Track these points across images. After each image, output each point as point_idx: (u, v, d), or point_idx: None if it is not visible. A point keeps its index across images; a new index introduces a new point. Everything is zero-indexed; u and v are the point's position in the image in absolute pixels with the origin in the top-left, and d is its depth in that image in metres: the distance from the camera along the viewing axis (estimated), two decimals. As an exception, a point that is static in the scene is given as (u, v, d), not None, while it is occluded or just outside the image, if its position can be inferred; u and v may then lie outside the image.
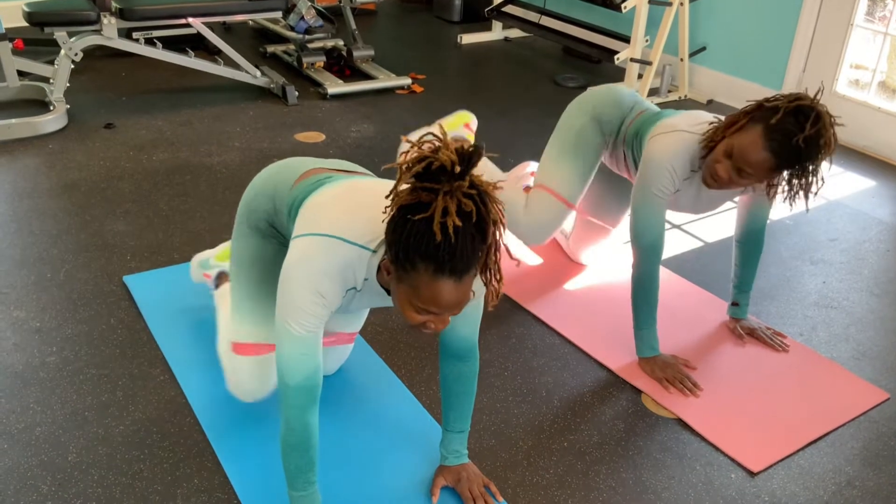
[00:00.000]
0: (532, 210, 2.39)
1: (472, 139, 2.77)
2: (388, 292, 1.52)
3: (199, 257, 2.32)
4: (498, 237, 1.34)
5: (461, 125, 2.78)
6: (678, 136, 2.08)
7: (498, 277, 1.39)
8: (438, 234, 1.24)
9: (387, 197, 1.34)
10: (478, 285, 1.46)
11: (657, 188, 2.09)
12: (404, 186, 1.30)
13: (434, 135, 1.31)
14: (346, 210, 1.51)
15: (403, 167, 1.29)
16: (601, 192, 2.54)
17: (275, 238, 1.79)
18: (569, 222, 2.74)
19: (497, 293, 1.41)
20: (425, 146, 1.30)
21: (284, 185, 1.71)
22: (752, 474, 1.90)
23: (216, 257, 2.27)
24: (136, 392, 2.04)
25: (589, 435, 2.00)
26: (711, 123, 2.08)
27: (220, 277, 2.20)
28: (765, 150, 1.89)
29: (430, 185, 1.26)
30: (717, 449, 1.96)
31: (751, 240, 2.28)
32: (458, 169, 1.26)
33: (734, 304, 2.39)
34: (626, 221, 2.60)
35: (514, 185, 2.81)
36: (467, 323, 1.66)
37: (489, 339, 2.32)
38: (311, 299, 1.45)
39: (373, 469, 1.85)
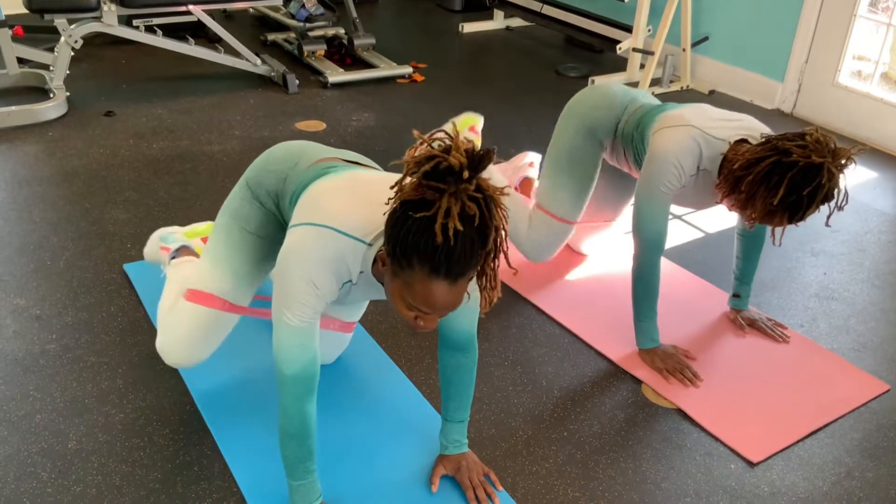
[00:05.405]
0: (534, 230, 2.42)
1: (477, 143, 2.78)
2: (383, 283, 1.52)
3: (161, 231, 2.23)
4: (499, 243, 1.33)
5: (466, 128, 2.77)
6: (686, 130, 2.02)
7: (493, 284, 1.38)
8: (439, 235, 1.22)
9: (391, 188, 1.32)
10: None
11: (663, 184, 2.04)
12: (409, 180, 1.28)
13: (446, 132, 1.30)
14: (344, 201, 1.50)
15: (412, 163, 1.27)
16: (602, 184, 2.53)
17: (271, 212, 1.78)
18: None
19: (490, 301, 1.40)
20: (436, 144, 1.28)
21: (299, 167, 1.70)
22: (751, 465, 1.90)
23: (184, 233, 2.20)
24: (136, 380, 2.04)
25: (589, 425, 2.00)
26: (720, 122, 2.01)
27: (181, 251, 2.13)
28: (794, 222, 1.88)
29: (435, 184, 1.24)
30: (717, 439, 1.97)
31: (752, 232, 2.26)
32: (466, 174, 1.24)
33: (735, 295, 2.38)
34: (627, 212, 2.60)
35: (511, 177, 2.82)
36: (466, 315, 1.65)
37: (489, 329, 2.32)
38: (306, 289, 1.45)
39: (372, 458, 1.85)
